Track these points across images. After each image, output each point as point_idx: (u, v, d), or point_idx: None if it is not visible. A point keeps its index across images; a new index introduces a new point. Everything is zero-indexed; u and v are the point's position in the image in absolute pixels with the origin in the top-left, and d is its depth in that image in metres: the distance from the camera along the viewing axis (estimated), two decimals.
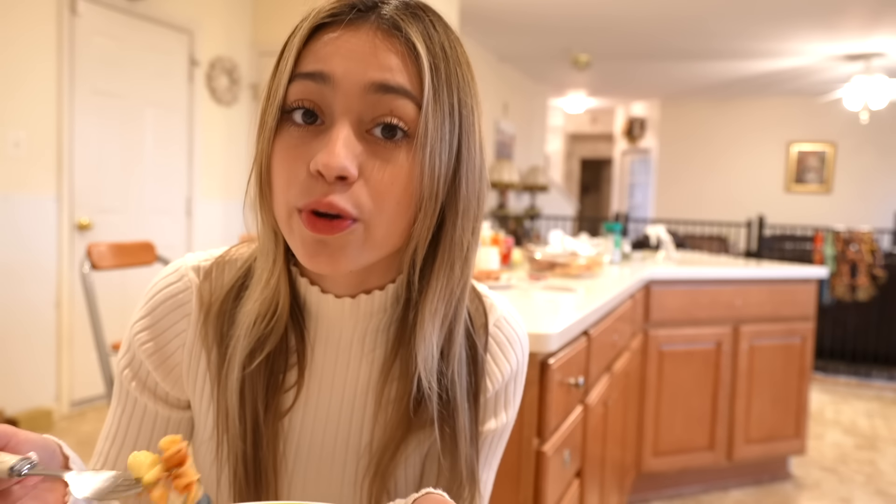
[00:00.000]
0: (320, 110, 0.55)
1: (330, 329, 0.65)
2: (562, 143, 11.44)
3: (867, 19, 5.35)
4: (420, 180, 0.55)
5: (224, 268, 0.67)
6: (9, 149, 3.09)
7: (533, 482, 1.31)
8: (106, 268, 2.06)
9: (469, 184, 0.58)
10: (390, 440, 0.64)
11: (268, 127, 0.56)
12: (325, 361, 0.65)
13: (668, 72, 7.66)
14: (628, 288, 2.17)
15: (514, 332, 0.71)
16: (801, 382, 2.98)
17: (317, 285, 0.63)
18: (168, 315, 0.66)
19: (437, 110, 0.55)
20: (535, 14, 5.55)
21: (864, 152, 8.47)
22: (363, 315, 0.64)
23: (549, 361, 1.33)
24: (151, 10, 3.74)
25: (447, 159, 0.56)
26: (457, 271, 0.60)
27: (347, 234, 0.54)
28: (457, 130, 0.57)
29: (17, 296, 3.17)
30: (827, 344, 4.98)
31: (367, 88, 0.53)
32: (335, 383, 0.66)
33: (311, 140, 0.54)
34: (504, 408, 0.71)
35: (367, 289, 0.63)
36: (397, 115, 0.54)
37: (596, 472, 1.83)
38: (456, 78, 0.57)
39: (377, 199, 0.54)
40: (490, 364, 0.69)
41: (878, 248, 4.83)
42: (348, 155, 0.52)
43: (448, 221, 0.58)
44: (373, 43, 0.54)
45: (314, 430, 0.66)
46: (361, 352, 0.65)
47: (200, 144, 4.13)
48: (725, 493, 2.90)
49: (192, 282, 0.66)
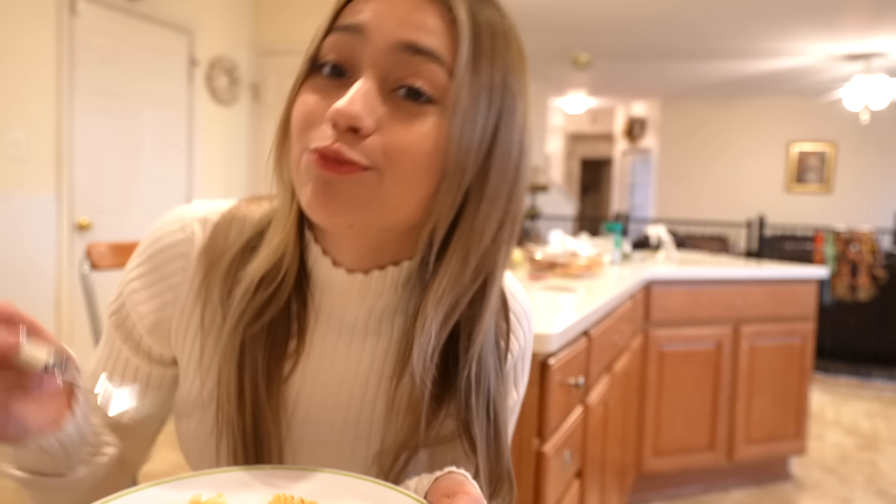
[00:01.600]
0: (349, 64, 0.53)
1: (334, 303, 0.61)
2: (562, 143, 11.44)
3: (867, 19, 5.34)
4: (445, 149, 0.52)
5: (233, 224, 0.63)
6: (8, 148, 3.08)
7: (533, 482, 1.30)
8: (105, 268, 2.05)
9: (501, 171, 0.55)
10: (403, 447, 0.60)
11: (297, 77, 0.55)
12: (326, 336, 0.62)
13: (668, 72, 7.66)
14: (628, 288, 2.17)
15: (522, 308, 0.69)
16: (802, 382, 2.97)
17: (329, 256, 0.60)
18: (164, 266, 0.62)
19: (475, 81, 0.52)
20: (535, 14, 5.55)
21: (864, 152, 8.46)
22: (372, 293, 0.60)
23: (550, 362, 1.33)
24: (151, 9, 3.73)
25: (479, 135, 0.53)
26: (471, 262, 0.55)
27: (355, 180, 0.51)
28: (496, 109, 0.54)
29: (16, 295, 3.16)
30: (827, 344, 4.98)
31: (397, 46, 0.52)
32: (335, 361, 0.62)
33: (334, 91, 0.52)
34: (515, 385, 0.69)
35: (382, 265, 0.59)
36: (424, 79, 0.52)
37: (596, 473, 1.83)
38: (503, 57, 0.55)
39: (393, 154, 0.51)
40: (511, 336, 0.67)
41: (879, 249, 4.82)
42: (365, 105, 0.50)
43: (471, 204, 0.54)
44: (414, 2, 0.52)
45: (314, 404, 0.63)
46: (365, 334, 0.62)
47: (200, 144, 4.13)
48: (726, 494, 2.89)
49: (195, 234, 0.62)
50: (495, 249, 0.57)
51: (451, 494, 0.50)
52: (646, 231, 5.11)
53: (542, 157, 9.24)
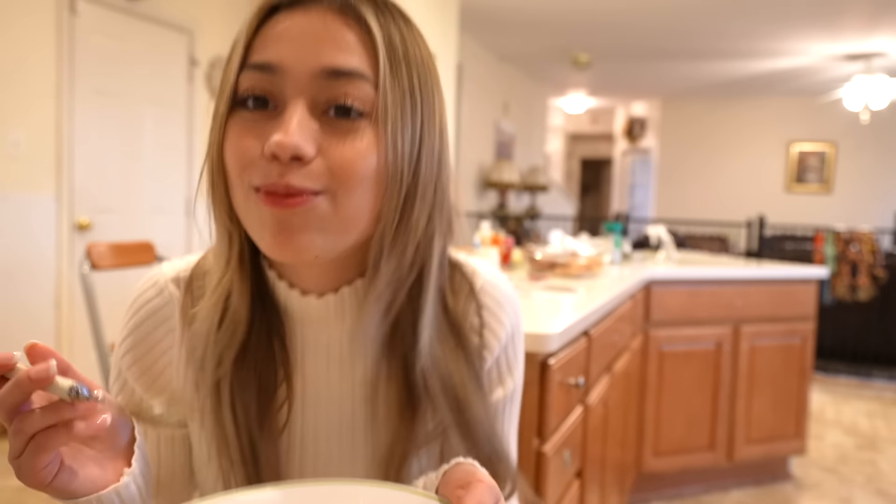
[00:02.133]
0: (272, 96, 0.53)
1: (317, 333, 0.62)
2: (562, 142, 11.44)
3: (867, 19, 5.34)
4: (384, 159, 0.53)
5: (203, 278, 0.64)
6: (8, 148, 3.08)
7: (533, 482, 1.31)
8: (105, 268, 2.05)
9: (428, 168, 0.56)
10: (395, 444, 0.61)
11: (219, 114, 0.54)
12: (316, 368, 0.62)
13: (668, 72, 7.66)
14: (628, 288, 2.17)
15: (502, 293, 0.68)
16: (802, 382, 2.97)
17: (297, 288, 0.60)
18: (152, 333, 0.63)
19: (396, 87, 0.53)
20: (535, 14, 5.55)
21: (864, 152, 8.46)
22: (348, 312, 0.60)
23: (550, 362, 1.33)
24: (151, 9, 3.73)
25: (410, 137, 0.54)
26: (408, 256, 0.57)
27: (308, 209, 0.51)
28: (419, 109, 0.55)
29: (16, 295, 3.16)
30: (827, 344, 4.98)
31: (319, 74, 0.52)
32: (331, 389, 0.62)
33: (264, 123, 0.52)
34: (509, 372, 0.68)
35: (337, 286, 0.60)
36: (352, 97, 0.52)
37: (596, 473, 1.83)
38: (415, 56, 0.55)
39: (340, 173, 0.52)
40: (490, 321, 0.66)
41: (879, 248, 4.82)
42: (303, 133, 0.50)
43: (407, 204, 0.56)
44: (324, 23, 0.52)
45: (316, 442, 0.63)
46: (352, 357, 0.62)
47: (200, 144, 4.13)
48: (726, 494, 2.89)
49: (172, 295, 0.63)
50: (428, 241, 0.58)
51: (465, 485, 0.49)
52: (646, 231, 5.11)
53: (542, 157, 9.24)
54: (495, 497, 0.49)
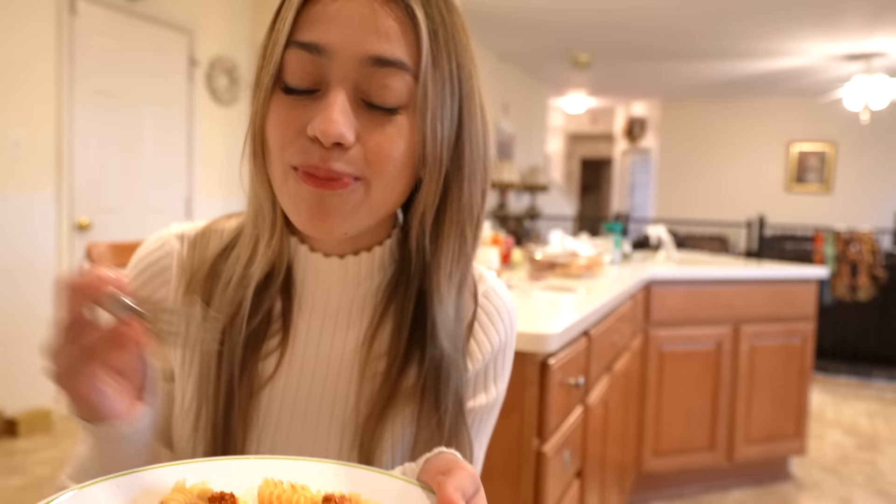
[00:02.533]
0: (316, 83, 0.54)
1: (317, 293, 0.63)
2: (562, 142, 11.44)
3: (867, 19, 5.34)
4: (422, 146, 0.55)
5: (210, 237, 0.66)
6: (9, 148, 3.08)
7: (533, 482, 1.31)
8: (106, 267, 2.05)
9: (473, 148, 0.59)
10: (374, 408, 0.62)
11: (264, 87, 0.56)
12: (310, 327, 0.64)
13: (668, 72, 7.66)
14: (628, 288, 2.17)
15: (503, 303, 0.69)
16: (802, 382, 2.97)
17: (306, 244, 0.63)
18: (149, 283, 0.65)
19: (437, 77, 0.55)
20: (535, 14, 5.55)
21: (864, 152, 8.46)
22: (351, 279, 0.63)
23: (550, 362, 1.33)
24: (151, 9, 3.73)
25: (449, 124, 0.56)
26: (469, 235, 0.60)
27: (348, 192, 0.54)
28: (457, 95, 0.57)
29: (16, 295, 3.16)
30: (827, 344, 4.97)
31: (364, 61, 0.53)
32: (320, 349, 0.64)
33: (307, 105, 0.54)
34: (494, 381, 0.69)
35: (356, 249, 0.62)
36: (394, 88, 0.53)
37: (596, 473, 1.83)
38: (454, 42, 0.56)
39: (375, 161, 0.54)
40: (479, 334, 0.67)
41: (879, 249, 4.82)
42: (345, 122, 0.52)
43: (454, 186, 0.58)
44: (371, 9, 0.53)
45: (296, 401, 0.63)
46: (349, 320, 0.64)
47: (200, 144, 4.13)
48: (725, 494, 2.89)
49: (173, 248, 0.65)
50: (481, 216, 0.62)
51: (446, 472, 0.50)
52: (646, 231, 5.11)
53: (542, 157, 9.24)
54: (475, 485, 0.49)
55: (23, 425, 3.10)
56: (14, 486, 2.59)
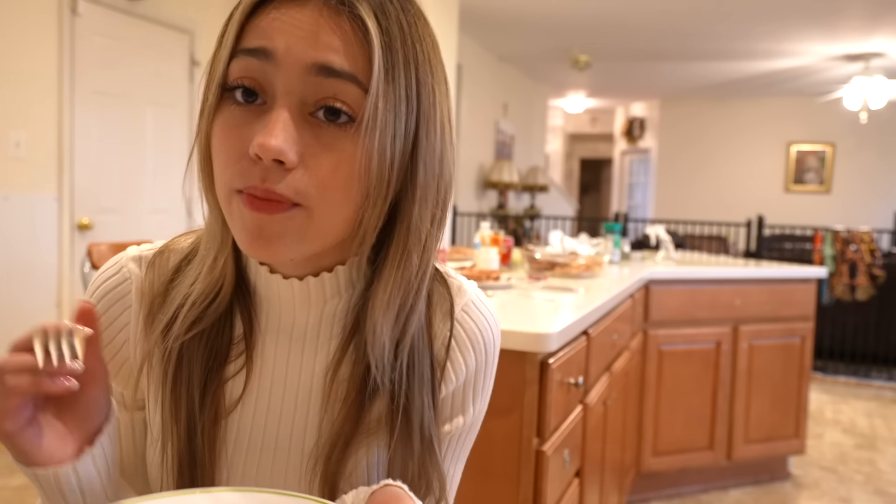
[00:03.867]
0: (261, 89, 0.52)
1: (281, 316, 0.61)
2: (562, 143, 11.45)
3: (867, 20, 5.35)
4: (368, 166, 0.51)
5: (168, 256, 0.64)
6: (10, 149, 3.09)
7: (533, 482, 1.31)
8: None
9: (427, 169, 0.55)
10: (338, 437, 0.59)
11: (208, 104, 0.54)
12: (276, 352, 0.61)
13: (668, 72, 7.67)
14: (628, 288, 2.18)
15: (484, 319, 0.66)
16: (801, 382, 2.98)
17: (265, 265, 0.60)
18: (109, 310, 0.63)
19: (390, 93, 0.51)
20: (535, 14, 5.56)
21: (863, 152, 8.47)
22: (315, 299, 0.60)
23: (549, 361, 1.34)
24: (151, 10, 3.74)
25: (401, 144, 0.53)
26: (414, 260, 0.56)
27: (287, 217, 0.51)
28: (414, 113, 0.53)
29: (17, 295, 3.17)
30: (826, 344, 4.99)
31: (310, 69, 0.50)
32: (288, 375, 0.61)
33: (251, 120, 0.51)
34: (472, 401, 0.66)
35: (317, 270, 0.59)
36: (341, 100, 0.50)
37: (596, 472, 1.84)
38: (413, 57, 0.53)
39: (319, 186, 0.51)
40: (455, 354, 0.63)
41: (878, 248, 4.83)
42: (287, 138, 0.49)
43: (404, 208, 0.55)
44: (317, 20, 0.50)
45: (265, 422, 0.61)
46: (316, 341, 0.61)
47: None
48: (725, 493, 2.90)
49: (131, 272, 0.63)
50: (431, 242, 0.58)
51: None
52: (645, 231, 5.11)
53: (542, 157, 9.24)
54: None
55: None
56: (15, 486, 2.60)
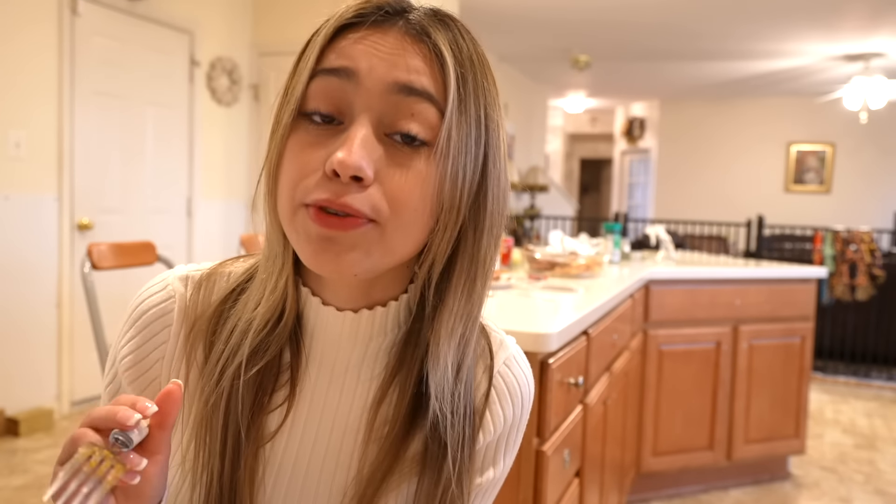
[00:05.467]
0: (339, 111, 0.52)
1: (326, 348, 0.60)
2: (562, 143, 11.45)
3: (866, 20, 5.35)
4: (440, 190, 0.53)
5: (216, 280, 0.64)
6: (10, 149, 3.09)
7: (533, 482, 1.31)
8: (106, 268, 2.06)
9: (495, 200, 0.56)
10: (376, 472, 0.59)
11: (283, 124, 0.54)
12: (317, 383, 0.61)
13: (668, 72, 7.67)
14: (628, 288, 2.18)
15: (524, 375, 0.67)
16: (801, 382, 2.98)
17: (318, 296, 0.59)
18: (149, 326, 0.62)
19: (463, 121, 0.53)
20: (535, 14, 5.56)
21: (863, 152, 8.47)
22: (363, 335, 0.59)
23: (549, 361, 1.34)
24: (152, 10, 3.74)
25: (472, 172, 0.54)
26: (478, 288, 0.57)
27: (360, 233, 0.51)
28: (482, 143, 0.55)
29: (17, 296, 3.17)
30: (826, 344, 4.99)
31: (391, 88, 0.51)
32: (326, 409, 0.61)
33: (327, 139, 0.52)
34: (504, 455, 0.66)
35: (370, 304, 0.59)
36: (418, 120, 0.52)
37: (595, 472, 1.84)
38: (483, 91, 0.56)
39: (394, 203, 0.51)
40: (495, 405, 0.64)
41: (878, 248, 4.83)
42: (365, 155, 0.50)
43: (469, 236, 0.56)
44: (401, 45, 0.52)
45: (299, 456, 0.61)
46: (357, 378, 0.61)
47: (201, 145, 4.14)
48: (725, 493, 2.90)
49: (175, 291, 0.63)
50: (491, 272, 0.59)
51: None
52: (645, 231, 5.12)
53: (542, 157, 9.24)
54: None
55: (24, 425, 3.11)
56: (15, 486, 2.60)
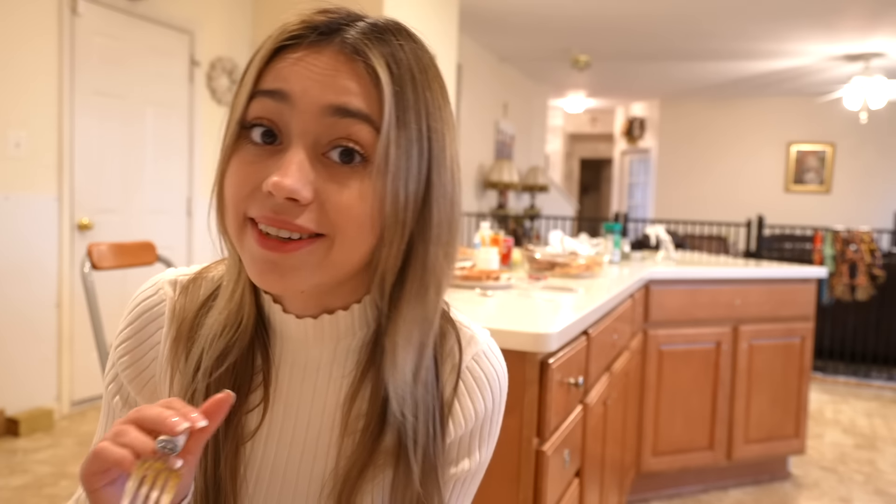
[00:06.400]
0: (278, 129, 0.54)
1: (296, 351, 0.63)
2: (561, 143, 11.45)
3: (866, 20, 5.35)
4: (382, 206, 0.54)
5: (201, 284, 0.67)
6: (10, 149, 3.09)
7: (533, 482, 1.31)
8: (106, 268, 2.06)
9: (441, 211, 0.57)
10: (353, 466, 0.61)
11: (226, 144, 0.56)
12: (290, 384, 0.64)
13: (668, 72, 7.67)
14: (628, 288, 2.18)
15: (494, 369, 0.68)
16: (801, 382, 2.98)
17: (279, 304, 0.62)
18: (144, 328, 0.66)
19: (401, 137, 0.54)
20: (535, 14, 5.56)
21: (863, 152, 8.47)
22: (328, 337, 0.62)
23: (549, 361, 1.34)
24: (152, 10, 3.74)
25: (415, 186, 0.55)
26: (431, 296, 0.59)
27: (303, 254, 0.54)
28: (426, 157, 0.56)
29: (17, 296, 3.17)
30: (826, 344, 4.99)
31: (325, 110, 0.53)
32: (301, 407, 0.64)
33: (266, 159, 0.54)
34: (479, 447, 0.68)
35: (331, 309, 0.61)
36: (354, 140, 0.53)
37: (596, 472, 1.84)
38: (425, 103, 0.56)
39: (336, 217, 0.53)
40: (465, 399, 0.66)
41: (878, 248, 4.83)
42: (301, 178, 0.52)
43: (419, 248, 0.57)
44: (334, 66, 0.54)
45: (278, 454, 0.64)
46: (329, 376, 0.63)
47: (201, 145, 4.14)
48: (725, 493, 2.90)
49: (166, 294, 0.66)
50: (444, 279, 0.60)
51: None
52: (645, 231, 5.12)
53: (542, 157, 9.25)
54: None
55: (24, 425, 3.11)
56: (15, 486, 2.60)
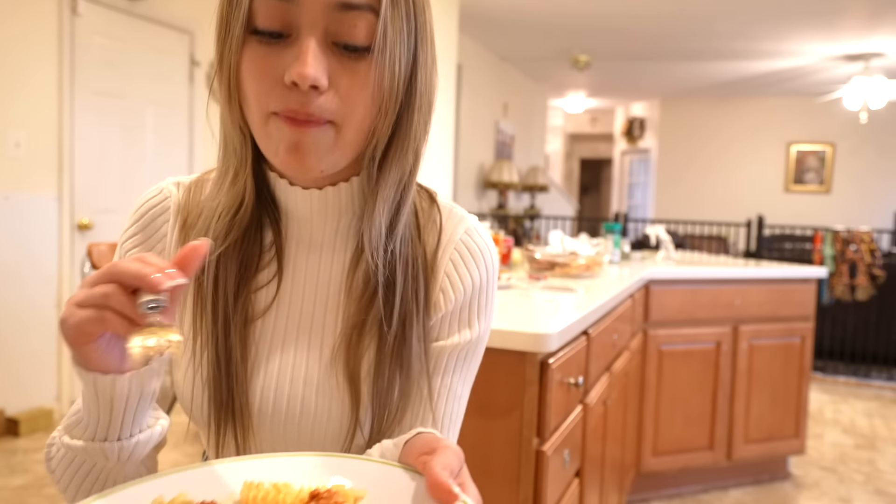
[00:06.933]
0: (286, 27, 0.57)
1: (301, 226, 0.68)
2: (561, 143, 11.45)
3: (866, 20, 5.35)
4: (381, 83, 0.59)
5: (203, 184, 0.73)
6: (10, 149, 3.09)
7: (533, 482, 1.31)
8: None
9: (424, 81, 0.63)
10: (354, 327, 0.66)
11: (234, 36, 0.59)
12: (297, 258, 0.69)
13: (668, 72, 7.67)
14: (628, 288, 2.18)
15: (486, 242, 0.72)
16: (801, 382, 2.98)
17: (285, 178, 0.66)
18: (152, 223, 0.71)
19: (395, 15, 0.58)
20: (535, 14, 5.56)
21: (863, 152, 8.47)
22: (332, 211, 0.67)
23: (549, 361, 1.34)
24: (152, 10, 3.74)
25: (406, 61, 0.60)
26: (409, 159, 0.65)
27: (321, 132, 0.58)
28: (413, 32, 0.60)
29: (17, 296, 3.17)
30: (826, 344, 4.99)
31: (332, 6, 0.56)
32: (308, 278, 0.69)
33: (279, 52, 0.57)
34: (477, 318, 0.71)
35: (334, 182, 0.66)
36: (361, 29, 0.57)
37: (596, 472, 1.84)
38: None
39: (347, 104, 0.58)
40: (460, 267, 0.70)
41: (878, 248, 4.83)
42: (319, 66, 0.56)
43: (405, 117, 0.63)
44: None
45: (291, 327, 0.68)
46: (333, 250, 0.69)
47: (201, 145, 4.14)
48: (725, 493, 2.90)
49: (171, 192, 0.72)
50: (421, 144, 0.66)
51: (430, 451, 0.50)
52: (645, 231, 5.12)
53: (542, 158, 9.24)
54: (460, 461, 0.50)
55: (24, 425, 3.11)
56: (15, 486, 2.60)
